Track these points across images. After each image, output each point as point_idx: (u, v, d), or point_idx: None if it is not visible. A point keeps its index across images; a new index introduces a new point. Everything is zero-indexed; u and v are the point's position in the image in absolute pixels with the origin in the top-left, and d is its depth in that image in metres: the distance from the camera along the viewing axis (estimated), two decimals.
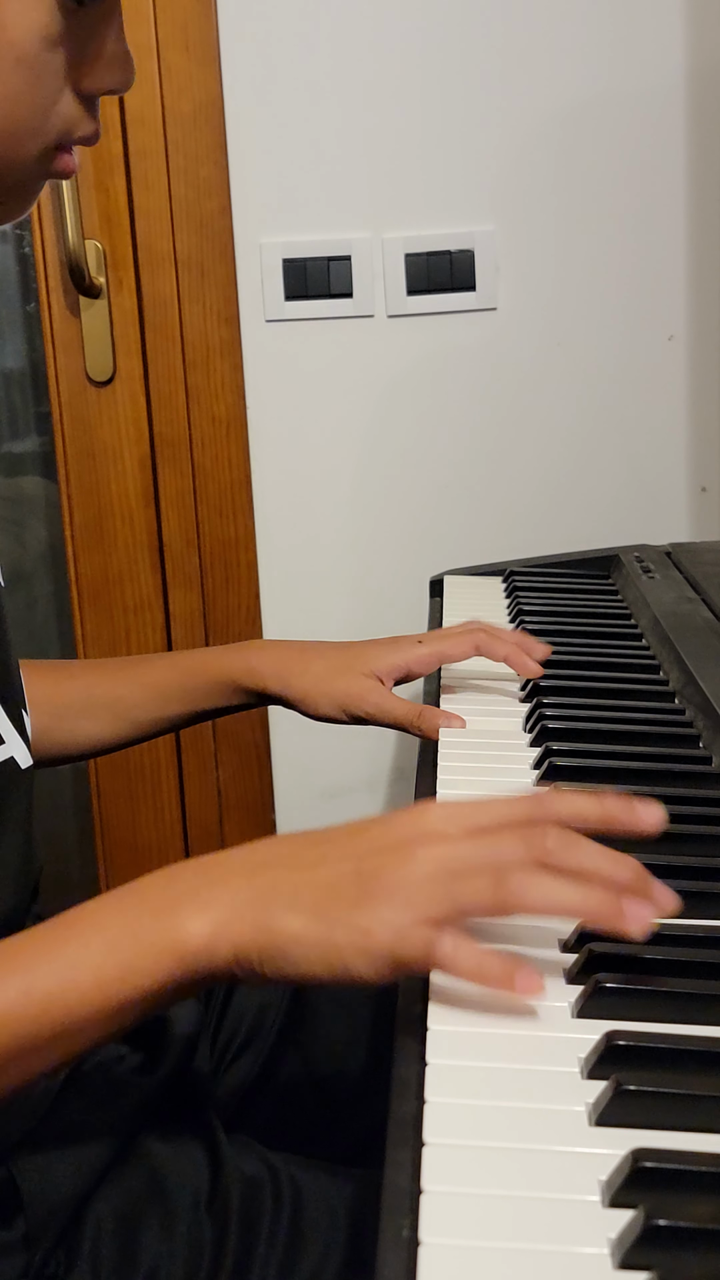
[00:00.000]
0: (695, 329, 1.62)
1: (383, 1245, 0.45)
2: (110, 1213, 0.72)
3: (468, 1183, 0.47)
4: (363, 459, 1.66)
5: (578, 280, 1.61)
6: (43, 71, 0.65)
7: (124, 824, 1.78)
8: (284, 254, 1.59)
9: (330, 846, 0.61)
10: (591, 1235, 0.44)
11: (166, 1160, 0.76)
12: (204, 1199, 0.73)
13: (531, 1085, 0.52)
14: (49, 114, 0.67)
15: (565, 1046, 0.55)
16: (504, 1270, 0.43)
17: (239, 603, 1.72)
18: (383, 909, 0.57)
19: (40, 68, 0.65)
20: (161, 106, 1.58)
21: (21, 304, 1.73)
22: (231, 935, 0.58)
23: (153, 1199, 0.73)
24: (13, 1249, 0.70)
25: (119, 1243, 0.71)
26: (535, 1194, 0.46)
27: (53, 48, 0.65)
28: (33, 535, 1.80)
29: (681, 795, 0.80)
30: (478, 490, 1.66)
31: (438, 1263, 0.43)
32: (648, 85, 1.56)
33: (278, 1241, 0.72)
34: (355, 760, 1.74)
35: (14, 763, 0.78)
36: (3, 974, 0.58)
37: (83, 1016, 0.58)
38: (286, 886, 0.59)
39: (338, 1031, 0.95)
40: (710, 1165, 0.46)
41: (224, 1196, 0.73)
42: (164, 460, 1.68)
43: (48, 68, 0.66)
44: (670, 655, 1.02)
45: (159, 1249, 0.71)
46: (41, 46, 0.65)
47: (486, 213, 1.59)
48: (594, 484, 1.66)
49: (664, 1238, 0.43)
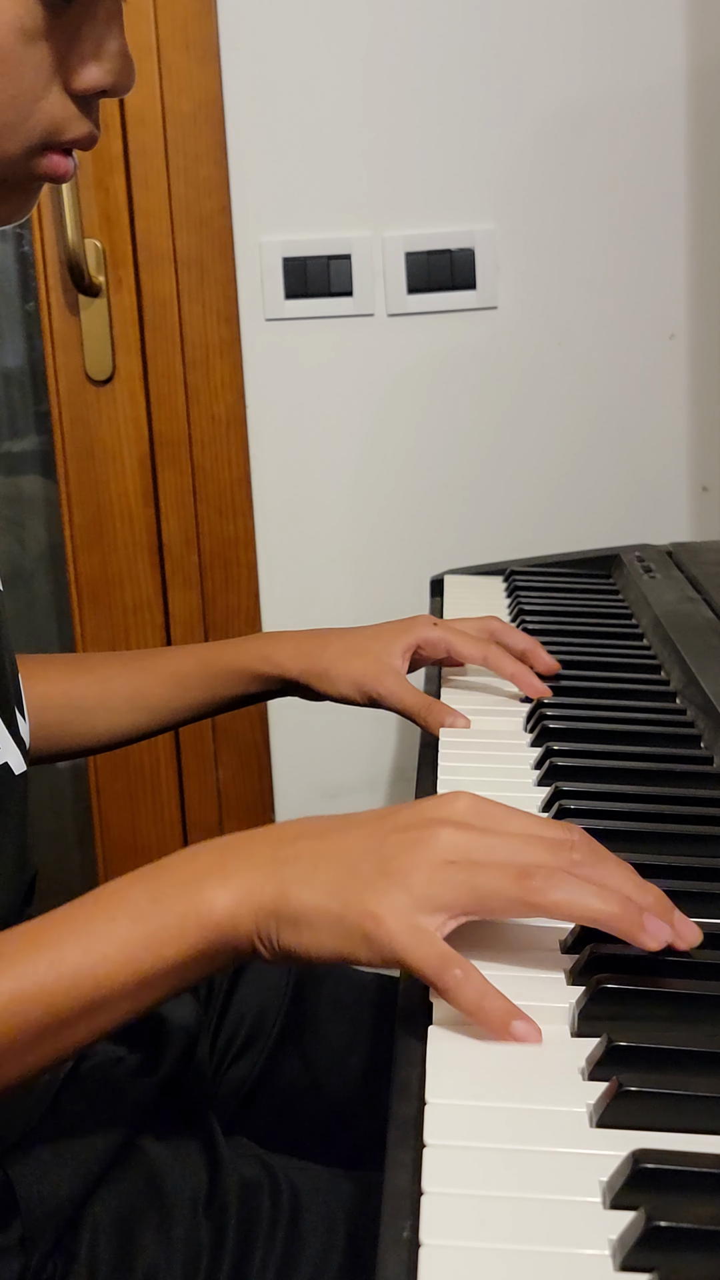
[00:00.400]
0: (696, 328, 1.62)
1: (383, 1246, 0.44)
2: (108, 1215, 0.72)
3: (468, 1184, 0.47)
4: (363, 458, 1.66)
5: (578, 280, 1.61)
6: (19, 65, 0.64)
7: (124, 824, 1.77)
8: (284, 253, 1.59)
9: (357, 826, 0.61)
10: (592, 1237, 0.44)
11: (165, 1162, 0.75)
12: (202, 1201, 0.73)
13: (532, 1086, 0.52)
14: (31, 110, 0.66)
15: (566, 1048, 0.54)
16: (505, 1272, 0.43)
17: (239, 603, 1.72)
18: (397, 892, 0.57)
19: (15, 61, 0.64)
20: (161, 105, 1.58)
21: (21, 303, 1.73)
22: (254, 904, 0.58)
23: (151, 1201, 0.73)
24: (10, 1251, 0.70)
25: (117, 1245, 0.71)
26: (536, 1195, 0.46)
27: (30, 42, 0.64)
28: (32, 535, 1.80)
29: (682, 795, 0.80)
30: (478, 490, 1.66)
31: (438, 1264, 0.43)
32: (648, 85, 1.56)
33: (276, 1244, 0.71)
34: (355, 760, 1.74)
35: (8, 769, 0.77)
36: (32, 950, 0.59)
37: (112, 989, 0.58)
38: (307, 859, 0.59)
39: (338, 1033, 0.95)
40: (711, 1166, 0.46)
41: (222, 1199, 0.73)
42: (163, 460, 1.68)
43: (24, 62, 0.64)
44: (671, 655, 1.02)
45: (157, 1251, 0.71)
46: (17, 39, 0.64)
47: (487, 212, 1.59)
48: (594, 483, 1.66)
49: (665, 1239, 0.43)
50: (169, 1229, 0.72)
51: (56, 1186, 0.72)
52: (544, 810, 0.78)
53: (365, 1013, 0.96)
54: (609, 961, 0.59)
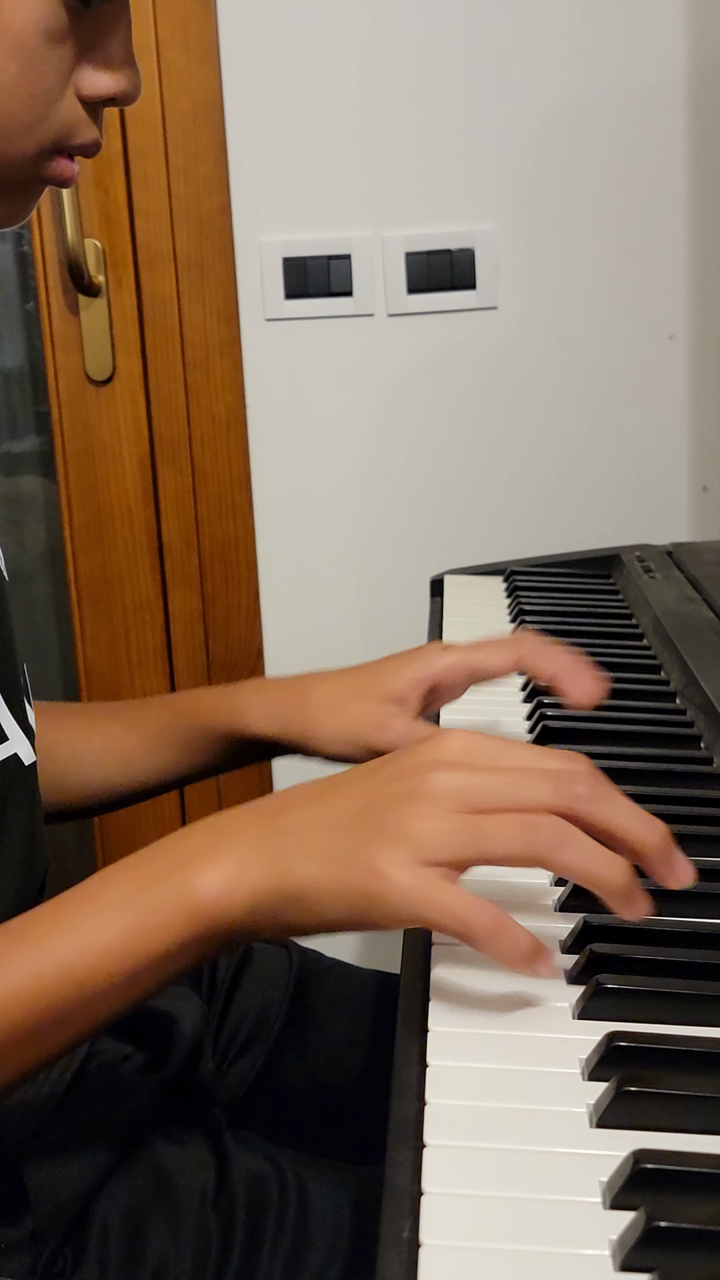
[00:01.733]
0: (696, 328, 1.62)
1: (383, 1246, 0.44)
2: (117, 1211, 0.72)
3: (468, 1184, 0.47)
4: (363, 458, 1.66)
5: (578, 279, 1.61)
6: (41, 65, 0.65)
7: (124, 824, 1.77)
8: (284, 252, 1.59)
9: (348, 783, 0.59)
10: (592, 1237, 0.44)
11: (172, 1158, 0.76)
12: (210, 1196, 0.73)
13: (532, 1086, 0.52)
14: (47, 111, 0.66)
15: (566, 1047, 0.54)
16: (504, 1272, 0.43)
17: (239, 603, 1.72)
18: (398, 846, 0.54)
19: (38, 60, 0.64)
20: (161, 105, 1.58)
21: (20, 303, 1.73)
22: (247, 883, 0.56)
23: (159, 1197, 0.73)
24: (20, 1247, 0.70)
25: (126, 1241, 0.71)
26: (536, 1195, 0.46)
27: (52, 42, 0.64)
28: (32, 535, 1.80)
29: (682, 795, 0.80)
30: (478, 490, 1.66)
31: (438, 1264, 0.43)
32: (648, 85, 1.56)
33: (284, 1238, 0.72)
34: None
35: (17, 759, 0.77)
36: (20, 946, 0.58)
37: (100, 982, 0.57)
38: (301, 828, 0.57)
39: (339, 1030, 0.95)
40: (712, 1166, 0.46)
41: (230, 1193, 0.73)
42: (163, 460, 1.68)
43: (47, 62, 0.65)
44: (671, 655, 1.02)
45: (166, 1247, 0.71)
46: (40, 39, 0.64)
47: (487, 211, 1.59)
48: (594, 483, 1.66)
49: (665, 1239, 0.43)
50: (178, 1223, 0.72)
51: (66, 1182, 0.72)
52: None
53: (366, 1009, 0.96)
54: (609, 962, 0.59)
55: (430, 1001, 0.57)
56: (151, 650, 1.73)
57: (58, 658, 1.81)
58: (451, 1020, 0.56)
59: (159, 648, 1.73)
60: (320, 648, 1.70)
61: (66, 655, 1.79)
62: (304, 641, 1.71)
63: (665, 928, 0.63)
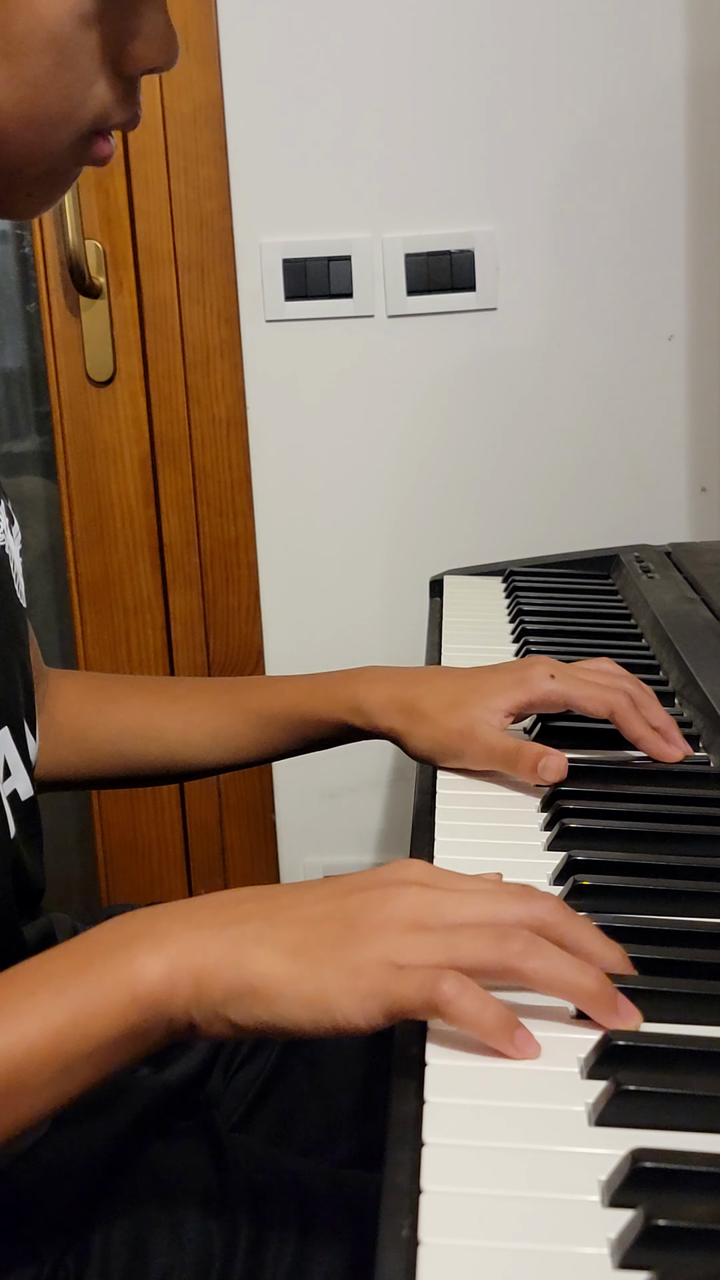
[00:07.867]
0: (695, 329, 1.62)
1: (382, 1245, 0.45)
2: (119, 1218, 0.71)
3: (467, 1182, 0.47)
4: (362, 459, 1.66)
5: (578, 280, 1.61)
6: (76, 53, 0.62)
7: (124, 824, 1.78)
8: (284, 254, 1.59)
9: (309, 889, 0.57)
10: (591, 1235, 0.44)
11: (173, 1166, 0.75)
12: (213, 1203, 0.73)
13: (531, 1085, 0.52)
14: (83, 100, 0.64)
15: (565, 1047, 0.54)
16: (503, 1270, 0.43)
17: (239, 603, 1.72)
18: (372, 946, 0.53)
19: (74, 49, 0.61)
20: (161, 106, 1.58)
21: (21, 304, 1.73)
22: (193, 971, 0.52)
23: (161, 1205, 0.73)
24: (23, 1258, 0.70)
25: (128, 1249, 0.70)
26: (535, 1194, 0.46)
27: (86, 26, 0.61)
28: (32, 535, 1.80)
29: (681, 795, 0.80)
30: (478, 490, 1.66)
31: (437, 1263, 0.43)
32: (648, 85, 1.56)
33: (287, 1249, 0.71)
34: (355, 760, 1.74)
35: (15, 796, 0.76)
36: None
37: (31, 1071, 0.52)
38: (259, 922, 0.54)
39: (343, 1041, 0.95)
40: (710, 1165, 0.46)
41: (233, 1200, 0.73)
42: (164, 460, 1.68)
43: (81, 48, 0.62)
44: (670, 656, 1.02)
45: (168, 1254, 0.70)
46: (75, 25, 0.61)
47: (486, 213, 1.59)
48: (594, 484, 1.66)
49: (664, 1238, 0.43)
50: (180, 1231, 0.71)
51: (67, 1192, 0.71)
52: (543, 809, 0.79)
53: None
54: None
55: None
56: (152, 650, 1.74)
57: (58, 658, 1.81)
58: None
59: (159, 647, 1.74)
60: (320, 648, 1.70)
61: (67, 655, 1.79)
62: (304, 641, 1.71)
63: (665, 927, 0.63)
